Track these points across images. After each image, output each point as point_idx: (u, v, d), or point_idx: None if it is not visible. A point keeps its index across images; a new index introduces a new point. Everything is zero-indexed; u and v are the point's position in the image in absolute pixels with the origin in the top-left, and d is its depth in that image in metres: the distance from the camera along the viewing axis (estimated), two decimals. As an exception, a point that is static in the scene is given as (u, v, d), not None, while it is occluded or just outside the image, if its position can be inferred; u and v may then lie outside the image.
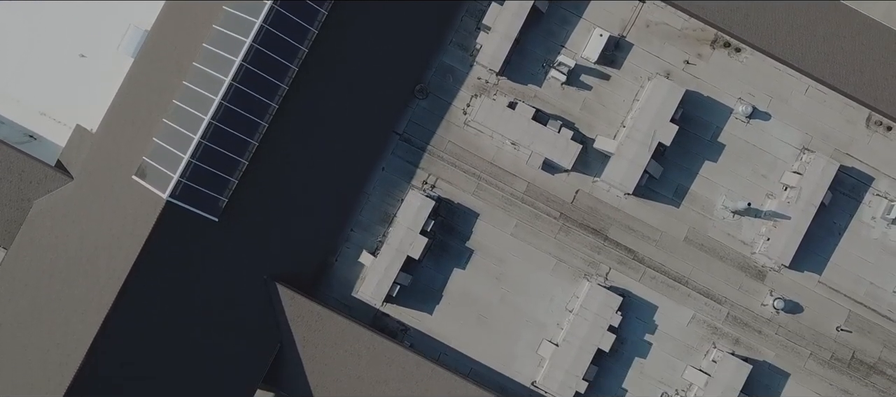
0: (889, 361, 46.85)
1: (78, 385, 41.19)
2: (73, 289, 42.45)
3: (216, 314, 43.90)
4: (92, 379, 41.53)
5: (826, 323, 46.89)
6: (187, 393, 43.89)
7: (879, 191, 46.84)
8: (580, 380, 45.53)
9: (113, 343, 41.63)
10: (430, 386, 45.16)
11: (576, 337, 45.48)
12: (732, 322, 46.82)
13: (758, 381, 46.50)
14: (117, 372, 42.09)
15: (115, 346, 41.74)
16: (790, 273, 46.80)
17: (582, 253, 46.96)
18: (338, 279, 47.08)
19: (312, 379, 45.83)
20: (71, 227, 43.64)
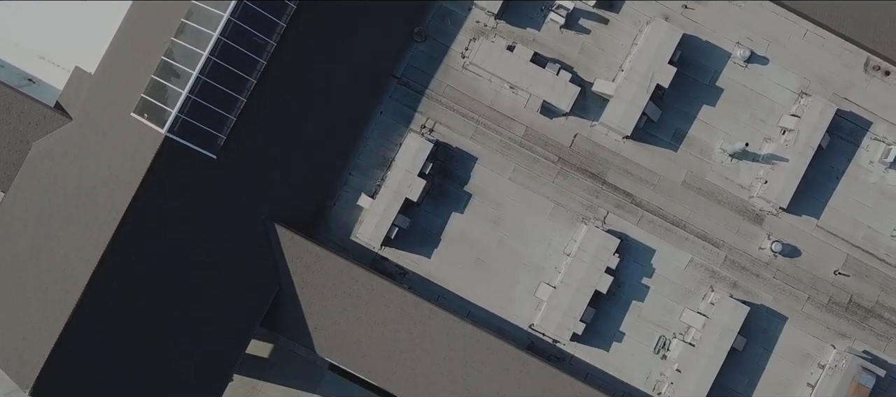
0: (887, 305, 46.90)
1: (76, 321, 41.19)
2: (71, 227, 42.52)
3: (215, 253, 43.94)
4: (90, 315, 41.56)
5: (824, 266, 46.95)
6: (186, 332, 43.90)
7: (877, 135, 46.93)
8: (577, 322, 45.57)
9: (111, 279, 41.67)
10: (429, 327, 45.21)
11: (573, 279, 45.53)
12: (730, 265, 46.87)
13: (756, 325, 46.56)
14: (116, 308, 42.10)
15: (114, 282, 41.78)
16: (788, 217, 46.87)
17: (580, 197, 47.02)
18: (336, 222, 47.14)
19: (311, 321, 45.87)
20: (70, 167, 43.71)
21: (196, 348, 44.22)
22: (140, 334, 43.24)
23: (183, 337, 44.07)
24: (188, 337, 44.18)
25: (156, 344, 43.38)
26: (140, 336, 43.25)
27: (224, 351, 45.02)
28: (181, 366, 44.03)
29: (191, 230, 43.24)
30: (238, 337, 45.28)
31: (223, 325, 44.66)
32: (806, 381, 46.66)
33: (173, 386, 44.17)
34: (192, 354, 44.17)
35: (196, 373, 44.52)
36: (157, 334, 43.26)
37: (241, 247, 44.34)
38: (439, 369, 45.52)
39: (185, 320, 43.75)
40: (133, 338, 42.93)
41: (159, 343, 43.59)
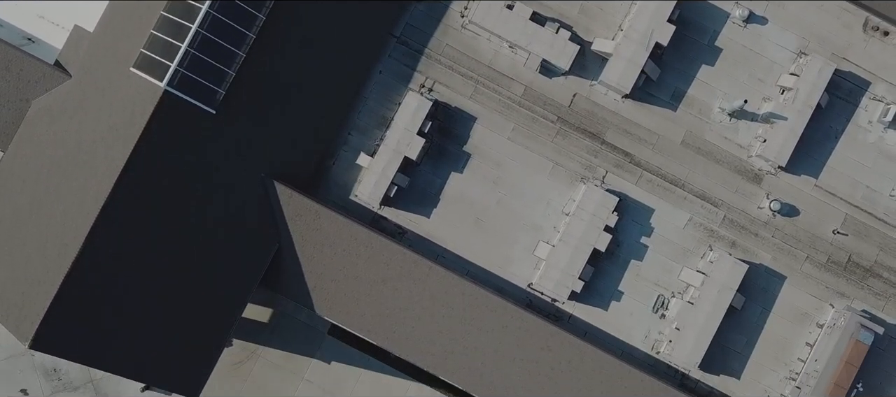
0: (885, 264, 46.96)
1: (75, 274, 41.23)
2: (71, 182, 42.57)
3: (214, 210, 43.99)
4: (89, 269, 41.60)
5: (822, 226, 47.01)
6: (185, 288, 43.95)
7: (876, 95, 46.98)
8: (576, 280, 45.62)
9: (110, 233, 41.71)
10: (428, 284, 45.27)
11: (572, 237, 45.57)
12: (729, 225, 46.93)
13: (754, 284, 46.62)
14: (115, 262, 42.15)
15: (113, 236, 41.83)
16: (786, 176, 46.92)
17: (579, 156, 47.06)
18: (335, 182, 47.19)
19: (310, 280, 45.92)
20: (69, 123, 43.76)
21: (195, 305, 44.26)
22: (139, 289, 43.25)
23: (182, 293, 44.09)
24: (187, 294, 44.21)
25: (155, 300, 43.43)
26: (139, 291, 43.27)
27: (223, 308, 45.07)
28: (180, 321, 44.07)
29: (190, 186, 43.27)
30: (237, 295, 45.33)
31: (223, 282, 44.70)
32: (805, 341, 46.73)
33: (172, 343, 44.22)
34: (190, 310, 44.22)
35: (195, 330, 44.56)
36: (155, 290, 43.31)
37: (241, 204, 44.39)
38: (438, 327, 45.59)
39: (184, 276, 43.81)
40: (132, 294, 42.90)
41: (158, 298, 43.63)
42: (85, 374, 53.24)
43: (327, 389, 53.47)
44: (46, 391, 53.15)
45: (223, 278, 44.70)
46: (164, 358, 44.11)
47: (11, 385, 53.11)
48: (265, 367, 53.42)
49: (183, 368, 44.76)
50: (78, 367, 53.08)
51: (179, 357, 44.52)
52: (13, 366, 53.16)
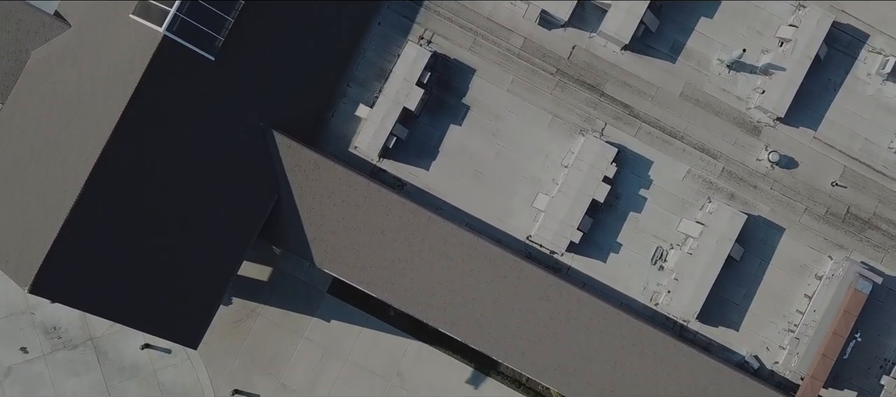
0: (884, 216, 47.00)
1: (74, 220, 41.27)
2: (70, 129, 42.62)
3: (213, 159, 44.03)
4: (88, 215, 41.65)
5: (821, 178, 47.05)
6: (184, 237, 44.01)
7: (875, 47, 47.01)
8: (574, 231, 45.67)
9: (109, 180, 41.76)
10: (427, 235, 45.31)
11: (571, 188, 45.62)
12: (727, 177, 46.97)
13: (753, 236, 46.67)
14: (114, 209, 42.20)
15: (112, 183, 41.87)
16: (785, 128, 46.97)
17: (578, 109, 47.11)
18: (334, 134, 47.24)
19: (310, 232, 45.96)
20: (69, 72, 43.81)
21: (194, 254, 44.32)
22: (138, 237, 43.25)
23: (181, 242, 44.11)
24: (186, 243, 44.24)
25: (154, 249, 43.49)
26: (138, 239, 43.27)
27: (223, 259, 45.11)
28: (179, 271, 44.13)
29: (189, 134, 43.33)
30: (237, 246, 45.37)
31: (222, 233, 44.75)
32: (803, 293, 46.77)
33: (171, 292, 44.27)
34: (190, 260, 44.28)
35: (194, 280, 44.62)
36: (154, 238, 43.36)
37: (240, 153, 44.43)
38: (437, 278, 45.64)
39: (183, 225, 43.86)
40: (131, 241, 42.87)
41: (157, 247, 43.66)
42: (85, 332, 53.34)
43: (327, 347, 53.55)
44: (46, 349, 53.24)
45: (222, 229, 44.75)
46: (164, 308, 44.17)
47: (11, 343, 53.23)
48: (265, 325, 53.50)
49: (182, 318, 44.81)
50: (78, 326, 53.19)
51: (178, 307, 44.57)
52: (13, 325, 53.24)
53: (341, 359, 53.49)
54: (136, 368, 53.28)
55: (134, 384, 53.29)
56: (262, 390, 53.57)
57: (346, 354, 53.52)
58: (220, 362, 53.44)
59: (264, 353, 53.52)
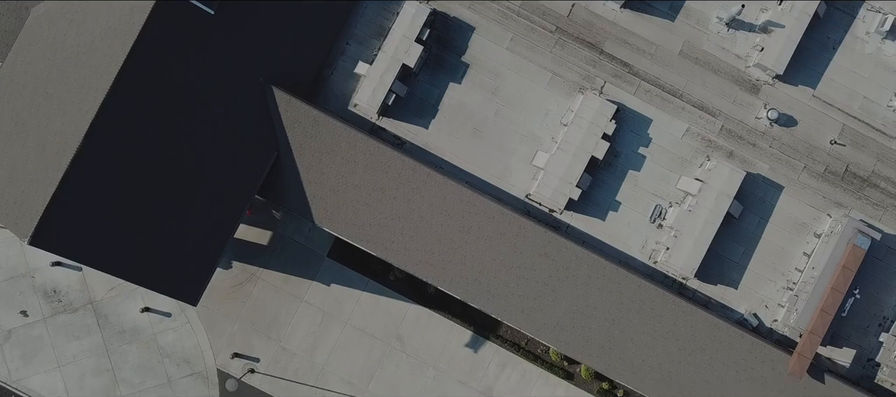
0: (882, 174, 47.01)
1: (74, 172, 41.35)
2: (69, 83, 42.71)
3: (213, 114, 44.10)
4: (87, 168, 41.73)
5: (820, 136, 47.07)
6: (183, 193, 44.09)
7: (873, 6, 46.99)
8: (573, 188, 45.70)
9: (108, 134, 41.83)
10: (426, 192, 45.35)
11: (570, 145, 45.67)
12: (726, 135, 46.99)
13: (752, 194, 46.68)
14: (113, 163, 42.26)
15: (111, 137, 41.95)
16: (784, 87, 46.99)
17: (577, 67, 47.14)
18: (333, 92, 47.29)
19: (309, 189, 46.03)
20: (68, 28, 43.88)
21: (194, 210, 44.39)
22: (137, 192, 43.29)
23: (180, 198, 44.15)
24: (186, 199, 44.29)
25: (153, 204, 43.55)
26: (137, 194, 43.30)
27: (222, 216, 45.17)
28: (178, 227, 44.21)
29: (188, 89, 43.40)
30: (236, 203, 45.44)
31: (221, 190, 44.82)
32: (802, 251, 46.78)
33: (171, 248, 44.36)
34: (189, 216, 44.36)
35: (194, 236, 44.70)
36: (154, 193, 43.44)
37: (239, 109, 44.50)
38: (436, 236, 45.69)
39: (182, 181, 43.92)
40: (131, 196, 42.86)
41: (156, 203, 43.71)
42: (85, 296, 53.46)
43: (326, 311, 53.64)
44: (46, 312, 53.35)
45: (222, 185, 44.82)
46: (163, 264, 44.26)
47: (11, 306, 53.35)
48: (265, 289, 53.61)
49: (181, 274, 44.89)
50: (78, 289, 53.30)
51: (178, 262, 44.66)
52: (13, 288, 53.36)
53: (341, 323, 53.59)
54: (136, 331, 53.39)
55: (134, 347, 53.41)
56: (261, 353, 53.70)
57: (345, 318, 53.61)
58: (219, 325, 53.56)
59: (264, 317, 53.63)
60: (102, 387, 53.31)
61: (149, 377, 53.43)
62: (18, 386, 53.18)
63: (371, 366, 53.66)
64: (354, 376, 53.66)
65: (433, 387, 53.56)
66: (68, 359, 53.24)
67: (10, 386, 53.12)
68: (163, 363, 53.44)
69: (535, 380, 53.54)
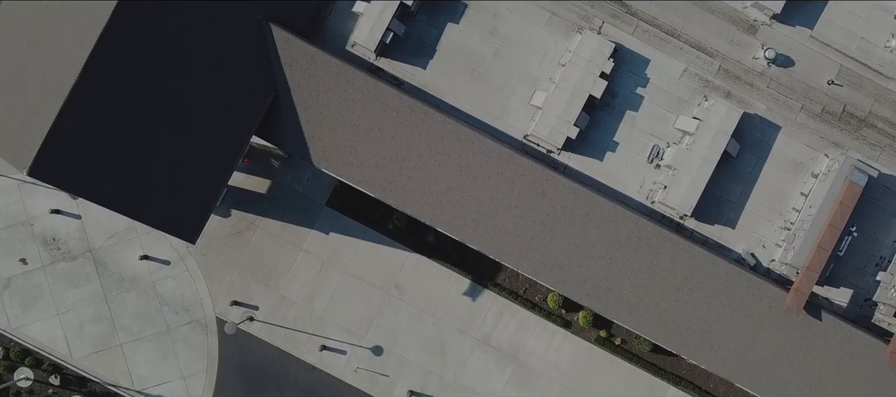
0: (880, 114, 47.11)
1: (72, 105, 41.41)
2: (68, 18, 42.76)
3: (211, 52, 44.17)
4: (86, 101, 41.81)
5: (817, 76, 47.15)
6: (181, 133, 44.16)
7: (871, -54, 47.09)
8: (571, 126, 45.79)
9: (107, 67, 41.88)
10: (425, 131, 45.45)
11: (568, 83, 45.76)
12: (724, 75, 47.08)
13: (749, 134, 46.78)
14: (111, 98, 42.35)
15: (109, 70, 42.00)
16: (781, 27, 47.07)
17: (575, 7, 47.21)
18: (331, 33, 47.36)
19: (307, 129, 46.12)
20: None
21: (192, 148, 44.48)
22: (135, 127, 43.23)
23: (179, 135, 44.10)
24: (184, 137, 44.27)
25: (151, 140, 43.62)
26: (136, 129, 43.24)
27: (220, 154, 45.27)
28: (177, 164, 44.29)
29: (186, 25, 43.44)
30: (234, 143, 45.55)
31: (220, 128, 44.92)
32: (799, 190, 46.88)
33: (169, 184, 44.45)
34: (188, 153, 44.45)
35: (192, 173, 44.80)
36: (152, 129, 43.53)
37: (238, 47, 44.58)
38: (434, 176, 45.79)
39: (180, 118, 44.02)
40: (129, 131, 42.69)
41: (155, 139, 43.63)
42: (84, 244, 53.57)
43: (325, 259, 53.75)
44: (45, 260, 53.47)
45: (220, 124, 44.92)
46: (161, 200, 44.36)
47: (11, 254, 53.45)
48: (263, 238, 53.71)
49: (180, 211, 45.01)
50: (77, 237, 53.41)
51: (176, 199, 44.78)
52: (12, 236, 53.47)
53: (340, 271, 53.70)
54: (134, 279, 53.50)
55: (133, 295, 53.53)
56: (260, 301, 53.81)
57: (344, 266, 53.71)
58: (218, 274, 53.67)
59: (263, 265, 53.74)
60: (101, 335, 53.45)
61: (148, 325, 53.56)
62: (18, 334, 53.31)
63: (370, 315, 53.78)
64: (353, 324, 53.79)
65: (432, 335, 53.69)
66: (67, 307, 53.37)
67: (10, 334, 53.26)
68: (162, 311, 53.55)
69: (533, 328, 53.67)
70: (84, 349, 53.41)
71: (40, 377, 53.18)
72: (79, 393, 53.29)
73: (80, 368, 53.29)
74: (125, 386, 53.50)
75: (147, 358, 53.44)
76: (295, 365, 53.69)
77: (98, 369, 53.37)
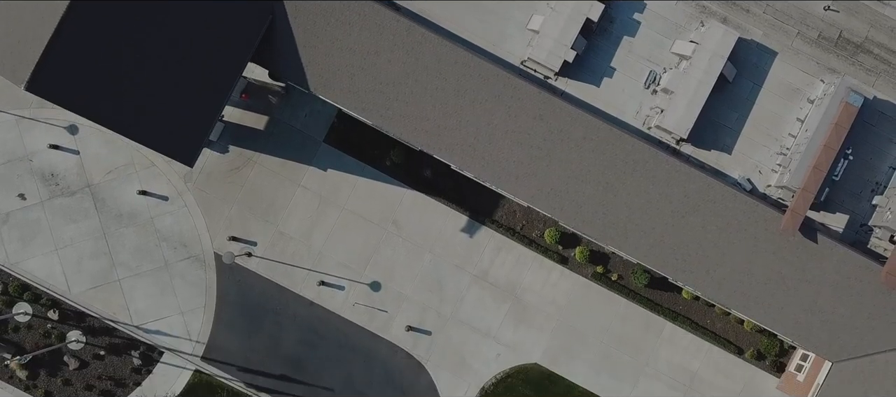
0: (876, 40, 47.23)
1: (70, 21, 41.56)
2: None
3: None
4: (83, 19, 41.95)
5: (813, 2, 47.23)
6: (179, 57, 44.28)
7: None
8: (569, 49, 45.91)
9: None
10: (422, 54, 45.58)
11: (565, 6, 45.87)
12: (720, 0, 47.15)
13: (746, 59, 46.92)
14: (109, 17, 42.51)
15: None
16: (778, -47, 47.21)
17: (572, -67, 47.29)
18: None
19: (304, 55, 46.26)
20: None
21: (189, 71, 44.65)
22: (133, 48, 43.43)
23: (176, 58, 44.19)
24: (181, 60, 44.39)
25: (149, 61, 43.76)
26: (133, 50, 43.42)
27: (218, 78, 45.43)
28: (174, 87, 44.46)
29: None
30: (232, 67, 45.69)
31: (217, 52, 45.09)
32: (795, 116, 47.02)
33: (166, 107, 44.62)
34: (185, 77, 44.63)
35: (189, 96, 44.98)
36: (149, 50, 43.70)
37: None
38: (432, 101, 45.93)
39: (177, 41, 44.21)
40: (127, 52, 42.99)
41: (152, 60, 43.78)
42: (82, 179, 53.65)
43: (323, 196, 53.86)
44: (44, 195, 53.55)
45: (217, 48, 45.07)
46: (159, 121, 44.56)
47: (10, 189, 53.53)
48: (262, 174, 53.82)
49: (177, 133, 45.16)
50: (75, 172, 53.49)
51: (173, 121, 44.97)
52: (11, 171, 53.55)
53: (338, 208, 53.82)
54: (133, 215, 53.61)
55: (131, 230, 53.64)
56: (259, 237, 53.93)
57: (342, 203, 53.84)
58: (217, 209, 53.78)
59: (261, 201, 53.86)
60: (100, 270, 53.56)
61: (146, 260, 53.67)
62: (16, 269, 53.42)
63: (368, 251, 53.90)
64: (351, 260, 53.92)
65: (429, 271, 53.83)
66: (66, 242, 53.47)
67: (8, 269, 53.36)
68: (160, 246, 53.66)
69: (529, 264, 53.80)
70: (82, 284, 53.52)
71: (39, 312, 53.32)
72: (77, 327, 53.42)
73: (79, 303, 53.40)
74: (123, 321, 53.63)
75: (145, 294, 53.56)
76: (293, 301, 53.83)
77: (96, 304, 53.48)
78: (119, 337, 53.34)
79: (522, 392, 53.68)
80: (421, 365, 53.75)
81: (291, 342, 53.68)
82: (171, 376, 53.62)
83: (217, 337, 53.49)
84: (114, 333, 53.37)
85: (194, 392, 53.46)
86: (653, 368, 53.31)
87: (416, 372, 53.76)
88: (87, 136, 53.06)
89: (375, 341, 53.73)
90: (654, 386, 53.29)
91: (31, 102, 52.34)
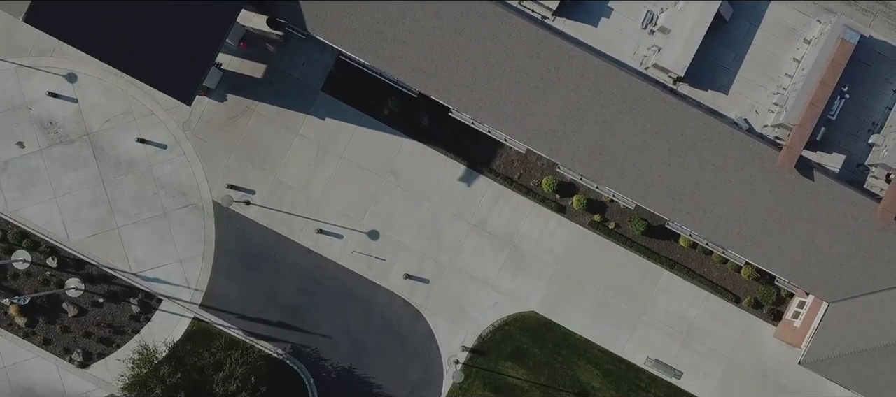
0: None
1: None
2: None
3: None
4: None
5: (810, -57, 47.37)
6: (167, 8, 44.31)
7: None
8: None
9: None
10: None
11: (562, -55, 46.01)
12: (717, -59, 47.25)
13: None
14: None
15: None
16: None
17: None
18: None
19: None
20: None
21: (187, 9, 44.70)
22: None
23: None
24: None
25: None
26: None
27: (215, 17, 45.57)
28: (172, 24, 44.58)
29: None
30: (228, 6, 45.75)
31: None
32: (792, 56, 47.10)
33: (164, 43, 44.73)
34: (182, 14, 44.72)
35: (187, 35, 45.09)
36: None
37: None
38: (429, 40, 46.01)
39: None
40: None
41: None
42: (81, 127, 53.76)
43: (321, 145, 53.96)
44: (43, 144, 53.68)
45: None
46: (156, 57, 44.68)
47: (8, 137, 53.65)
48: (260, 122, 53.92)
49: (175, 71, 45.27)
50: (74, 121, 53.59)
51: (171, 59, 45.09)
52: (10, 119, 53.67)
53: (336, 157, 53.91)
54: (131, 163, 53.72)
55: (130, 178, 53.75)
56: (257, 186, 54.04)
57: (340, 152, 53.93)
58: (215, 157, 53.89)
59: (259, 150, 53.96)
60: (98, 218, 53.68)
61: (144, 208, 53.79)
62: (15, 217, 53.55)
63: (366, 200, 54.01)
64: (350, 209, 54.02)
65: (427, 220, 53.92)
66: (64, 191, 53.59)
67: (7, 216, 53.50)
68: (158, 194, 53.79)
69: (527, 213, 53.88)
70: (81, 232, 53.65)
71: (37, 259, 53.43)
72: (76, 275, 53.55)
73: (78, 251, 53.53)
74: (122, 268, 53.76)
75: (144, 242, 53.68)
76: (291, 249, 53.93)
77: (95, 252, 53.60)
78: (118, 285, 53.43)
79: (520, 340, 53.77)
80: (419, 313, 53.85)
81: (290, 290, 53.78)
82: (169, 323, 53.74)
83: (215, 284, 53.62)
84: (112, 281, 53.49)
85: (193, 339, 53.58)
86: (650, 316, 53.39)
87: (414, 320, 53.87)
88: (85, 85, 53.18)
89: (373, 289, 53.82)
90: (651, 333, 53.38)
91: (29, 50, 52.50)
